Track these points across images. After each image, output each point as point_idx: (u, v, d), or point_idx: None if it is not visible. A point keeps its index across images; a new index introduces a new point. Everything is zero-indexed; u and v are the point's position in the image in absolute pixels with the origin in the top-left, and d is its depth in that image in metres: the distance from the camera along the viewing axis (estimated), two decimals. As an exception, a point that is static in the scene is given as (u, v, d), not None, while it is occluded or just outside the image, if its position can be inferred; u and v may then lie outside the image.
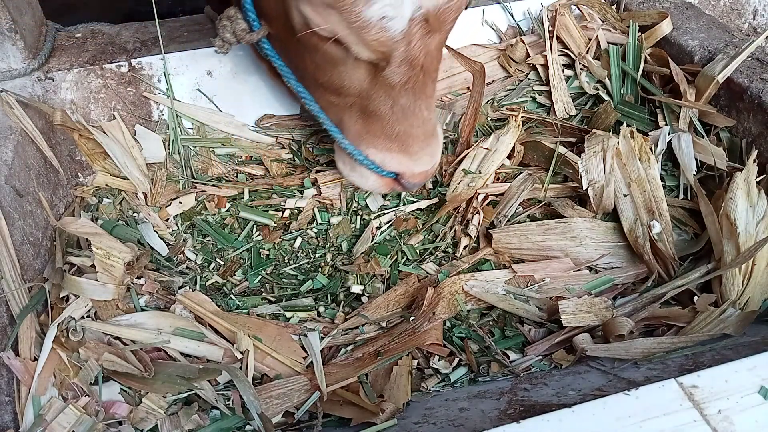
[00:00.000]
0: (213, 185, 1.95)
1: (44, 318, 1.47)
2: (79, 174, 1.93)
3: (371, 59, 1.41)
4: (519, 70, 2.24)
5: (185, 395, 1.42)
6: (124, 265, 1.54)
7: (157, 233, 1.80)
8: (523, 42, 2.20)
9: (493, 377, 1.52)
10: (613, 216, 1.82)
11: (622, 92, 2.13)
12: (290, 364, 1.52)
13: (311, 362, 1.51)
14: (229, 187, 1.95)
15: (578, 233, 1.76)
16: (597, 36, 2.21)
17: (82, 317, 1.48)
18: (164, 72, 1.94)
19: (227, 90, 2.02)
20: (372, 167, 1.65)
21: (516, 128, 1.99)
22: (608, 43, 2.20)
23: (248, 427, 1.40)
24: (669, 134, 1.95)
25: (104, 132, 1.90)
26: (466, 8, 2.20)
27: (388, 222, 1.89)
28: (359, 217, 1.90)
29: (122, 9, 2.99)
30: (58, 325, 1.41)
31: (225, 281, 1.75)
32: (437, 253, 1.81)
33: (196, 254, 1.80)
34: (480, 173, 1.90)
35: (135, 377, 1.41)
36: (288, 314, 1.65)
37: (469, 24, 2.25)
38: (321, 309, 1.68)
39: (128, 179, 1.88)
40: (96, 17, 2.13)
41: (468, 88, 2.18)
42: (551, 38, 2.18)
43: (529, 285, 1.68)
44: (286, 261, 1.82)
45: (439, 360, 1.55)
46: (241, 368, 1.46)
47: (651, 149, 1.86)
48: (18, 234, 1.51)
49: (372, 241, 1.82)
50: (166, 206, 1.89)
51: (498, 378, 1.51)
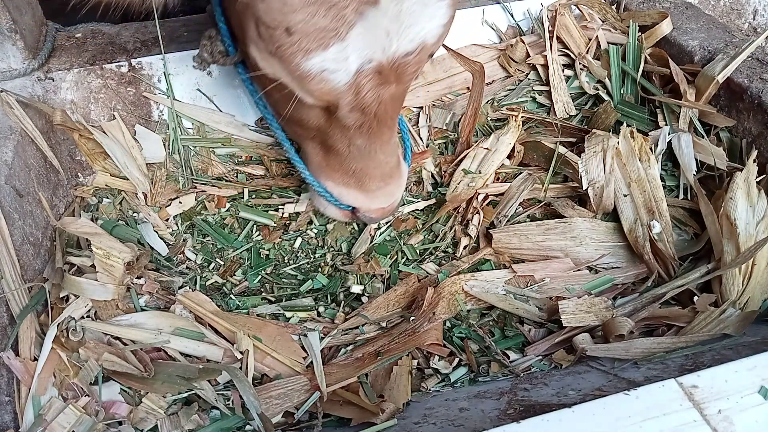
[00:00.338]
0: (213, 185, 1.95)
1: (44, 318, 1.47)
2: (79, 174, 1.93)
3: (318, 105, 1.41)
4: (519, 70, 2.24)
5: (185, 395, 1.42)
6: (124, 265, 1.54)
7: (157, 233, 1.80)
8: (523, 42, 2.20)
9: (493, 377, 1.52)
10: (613, 216, 1.82)
11: (622, 92, 2.13)
12: (290, 364, 1.52)
13: (311, 362, 1.51)
14: (229, 187, 1.95)
15: (578, 233, 1.76)
16: (597, 36, 2.21)
17: (82, 317, 1.48)
18: (164, 72, 1.94)
19: (227, 90, 2.02)
20: (330, 199, 1.68)
21: (516, 128, 1.99)
22: (608, 43, 2.20)
23: (248, 427, 1.40)
24: (669, 134, 1.95)
25: (104, 132, 1.90)
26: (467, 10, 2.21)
27: (388, 222, 1.89)
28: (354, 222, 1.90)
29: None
30: (58, 325, 1.41)
31: (225, 281, 1.75)
32: (437, 253, 1.81)
33: (196, 254, 1.80)
34: (480, 173, 1.90)
35: (135, 377, 1.41)
36: (288, 314, 1.65)
37: (469, 24, 2.25)
38: (321, 309, 1.68)
39: (128, 179, 1.88)
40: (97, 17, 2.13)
41: (468, 88, 2.18)
42: (551, 38, 2.18)
43: (529, 285, 1.69)
44: (286, 261, 1.82)
45: (439, 360, 1.55)
46: (241, 368, 1.47)
47: (651, 149, 1.86)
48: (18, 234, 1.51)
49: (371, 242, 1.82)
50: (166, 206, 1.89)
51: (498, 378, 1.51)
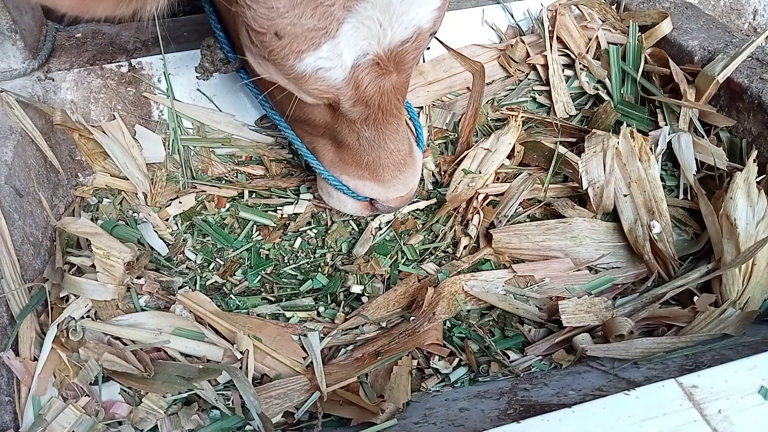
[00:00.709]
0: (213, 185, 1.95)
1: (44, 318, 1.47)
2: (79, 174, 1.93)
3: (318, 103, 1.41)
4: (519, 70, 2.24)
5: (185, 395, 1.42)
6: (124, 265, 1.54)
7: (157, 233, 1.80)
8: (523, 42, 2.20)
9: (493, 377, 1.52)
10: (613, 216, 1.82)
11: (622, 92, 2.13)
12: (290, 364, 1.52)
13: (311, 362, 1.51)
14: (229, 188, 1.95)
15: (578, 233, 1.76)
16: (597, 36, 2.21)
17: (82, 317, 1.48)
18: (164, 72, 1.94)
19: (227, 90, 2.02)
20: (347, 192, 1.69)
21: (516, 128, 1.99)
22: (608, 43, 2.20)
23: (248, 427, 1.40)
24: (669, 134, 1.95)
25: (104, 132, 1.90)
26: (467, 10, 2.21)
27: (388, 222, 1.89)
28: (354, 222, 1.90)
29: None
30: (58, 325, 1.41)
31: (225, 281, 1.75)
32: (437, 253, 1.81)
33: (196, 254, 1.80)
34: (480, 173, 1.90)
35: (135, 377, 1.41)
36: (288, 314, 1.65)
37: (469, 24, 2.25)
38: (321, 309, 1.68)
39: (128, 179, 1.88)
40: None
41: (468, 88, 2.18)
42: (551, 38, 2.18)
43: (529, 285, 1.68)
44: (286, 261, 1.82)
45: (439, 360, 1.55)
46: (241, 368, 1.46)
47: (651, 149, 1.86)
48: (18, 234, 1.51)
49: (372, 242, 1.82)
50: (166, 206, 1.89)
51: (498, 378, 1.51)
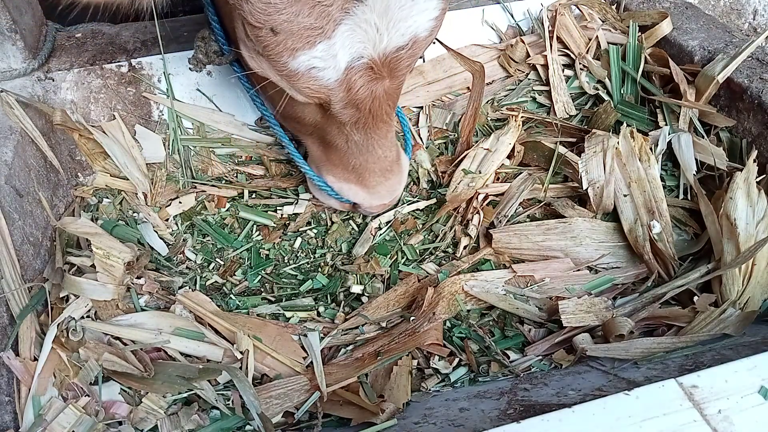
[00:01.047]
0: (213, 185, 1.95)
1: (44, 318, 1.47)
2: (79, 174, 1.93)
3: (309, 102, 1.41)
4: (519, 70, 2.24)
5: (185, 395, 1.42)
6: (124, 265, 1.54)
7: (157, 233, 1.80)
8: (523, 42, 2.20)
9: (493, 377, 1.52)
10: (613, 216, 1.82)
11: (622, 92, 2.13)
12: (290, 364, 1.52)
13: (311, 362, 1.51)
14: (229, 188, 1.95)
15: (578, 233, 1.76)
16: (597, 36, 2.21)
17: (82, 317, 1.48)
18: (164, 72, 1.94)
19: (227, 90, 2.02)
20: (331, 193, 1.71)
21: (516, 128, 1.99)
22: (608, 43, 2.20)
23: (248, 427, 1.40)
24: (669, 134, 1.95)
25: (104, 132, 1.90)
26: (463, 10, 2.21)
27: (388, 222, 1.89)
28: (354, 222, 1.90)
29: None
30: (58, 325, 1.41)
31: (225, 281, 1.75)
32: (437, 253, 1.81)
33: (196, 254, 1.80)
34: (480, 173, 1.90)
35: (135, 377, 1.41)
36: (288, 314, 1.65)
37: (469, 24, 2.25)
38: (321, 309, 1.68)
39: (128, 179, 1.88)
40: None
41: (468, 88, 2.18)
42: (551, 38, 2.18)
43: (529, 285, 1.68)
44: (286, 261, 1.82)
45: (439, 360, 1.55)
46: (241, 368, 1.46)
47: (651, 149, 1.86)
48: (18, 234, 1.51)
49: (372, 242, 1.82)
50: (166, 206, 1.89)
51: (498, 378, 1.51)
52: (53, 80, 1.87)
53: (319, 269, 1.79)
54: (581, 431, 1.10)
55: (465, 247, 1.79)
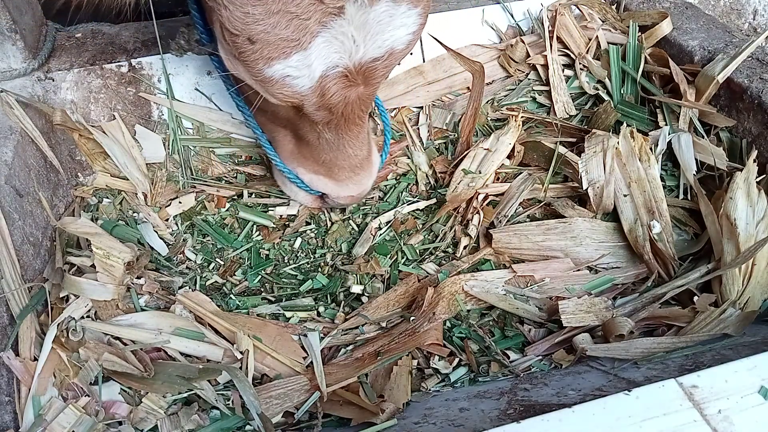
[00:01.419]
0: (212, 185, 1.95)
1: (44, 318, 1.47)
2: (79, 174, 1.93)
3: (282, 105, 1.42)
4: (519, 70, 2.24)
5: (185, 395, 1.42)
6: (124, 265, 1.54)
7: (157, 233, 1.80)
8: (523, 42, 2.20)
9: (493, 377, 1.52)
10: (613, 216, 1.82)
11: (622, 92, 2.13)
12: (290, 364, 1.52)
13: (311, 362, 1.51)
14: (228, 188, 1.95)
15: (578, 233, 1.76)
16: (597, 36, 2.21)
17: (82, 317, 1.48)
18: (164, 72, 1.94)
19: (226, 89, 2.02)
20: (301, 185, 1.73)
21: (516, 128, 1.99)
22: (608, 43, 2.20)
23: (248, 427, 1.40)
24: (669, 134, 1.95)
25: (104, 132, 1.90)
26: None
27: (388, 222, 1.88)
28: (354, 222, 1.90)
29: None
30: (58, 325, 1.41)
31: (225, 281, 1.75)
32: (437, 253, 1.81)
33: (196, 254, 1.80)
34: (480, 173, 1.90)
35: (135, 377, 1.41)
36: (288, 314, 1.65)
37: (469, 24, 2.25)
38: (321, 309, 1.68)
39: (128, 179, 1.88)
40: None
41: (468, 88, 2.18)
42: (551, 38, 2.18)
43: (529, 285, 1.68)
44: (286, 261, 1.82)
45: (439, 360, 1.55)
46: (241, 368, 1.46)
47: (651, 149, 1.86)
48: (18, 234, 1.51)
49: (372, 242, 1.82)
50: (166, 206, 1.89)
51: (498, 378, 1.51)
52: (53, 80, 1.87)
53: (319, 269, 1.79)
54: (581, 431, 1.10)
55: (465, 247, 1.79)
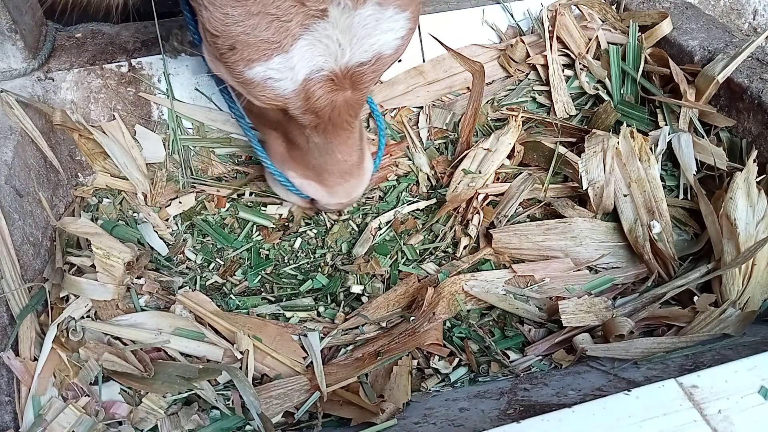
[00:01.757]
0: (213, 185, 1.95)
1: (44, 318, 1.47)
2: (79, 174, 1.93)
3: (265, 108, 1.39)
4: (519, 70, 2.24)
5: (185, 395, 1.42)
6: (124, 265, 1.54)
7: (157, 233, 1.80)
8: (523, 42, 2.20)
9: (493, 377, 1.52)
10: (613, 216, 1.82)
11: (622, 92, 2.13)
12: (290, 364, 1.52)
13: (311, 362, 1.51)
14: (228, 188, 1.95)
15: (578, 233, 1.76)
16: (597, 36, 2.21)
17: (82, 317, 1.48)
18: (164, 72, 1.94)
19: (227, 89, 2.02)
20: (291, 189, 1.70)
21: (516, 128, 1.99)
22: (608, 43, 2.20)
23: (248, 427, 1.40)
24: (669, 134, 1.95)
25: (104, 132, 1.90)
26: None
27: (388, 222, 1.88)
28: (354, 222, 1.90)
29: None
30: (58, 325, 1.41)
31: (225, 281, 1.75)
32: (437, 253, 1.81)
33: (196, 254, 1.80)
34: (480, 173, 1.90)
35: (135, 377, 1.41)
36: (288, 314, 1.65)
37: (469, 24, 2.25)
38: (321, 309, 1.68)
39: (128, 179, 1.88)
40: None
41: (468, 88, 2.18)
42: (551, 38, 2.18)
43: (529, 285, 1.68)
44: (286, 261, 1.82)
45: (439, 360, 1.55)
46: (241, 368, 1.46)
47: (651, 149, 1.86)
48: (18, 234, 1.51)
49: (372, 242, 1.82)
50: (166, 206, 1.89)
51: (498, 378, 1.51)
52: (53, 80, 1.87)
53: (319, 269, 1.79)
54: (581, 431, 1.10)
55: (465, 247, 1.79)
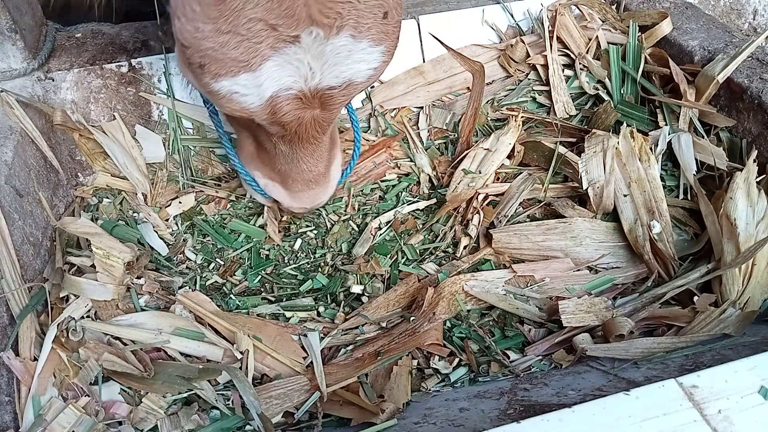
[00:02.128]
0: (213, 185, 1.95)
1: (44, 318, 1.47)
2: (79, 174, 1.93)
3: (233, 116, 1.38)
4: (519, 70, 2.24)
5: (185, 395, 1.42)
6: (124, 265, 1.54)
7: (157, 233, 1.80)
8: (523, 42, 2.20)
9: (493, 377, 1.52)
10: (613, 216, 1.82)
11: (622, 92, 2.13)
12: (290, 364, 1.52)
13: (311, 362, 1.51)
14: (229, 188, 1.95)
15: (578, 233, 1.76)
16: (597, 36, 2.21)
17: (82, 317, 1.48)
18: (164, 72, 1.94)
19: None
20: (257, 189, 1.70)
21: (516, 128, 1.99)
22: (608, 43, 2.20)
23: (248, 427, 1.40)
24: (669, 134, 1.95)
25: (104, 132, 1.90)
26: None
27: (388, 222, 1.88)
28: (354, 222, 1.90)
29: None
30: (58, 325, 1.41)
31: (225, 281, 1.75)
32: (437, 253, 1.81)
33: (196, 254, 1.80)
34: (480, 173, 1.90)
35: (135, 377, 1.41)
36: (288, 314, 1.65)
37: (469, 24, 2.25)
38: (321, 309, 1.68)
39: (128, 179, 1.88)
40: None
41: (468, 88, 2.18)
42: (551, 38, 2.18)
43: (529, 285, 1.68)
44: (286, 261, 1.82)
45: (439, 360, 1.55)
46: (241, 368, 1.46)
47: (651, 149, 1.86)
48: (18, 234, 1.51)
49: (372, 242, 1.82)
50: (166, 206, 1.89)
51: (498, 378, 1.51)
52: (53, 80, 1.87)
53: (319, 269, 1.79)
54: (581, 431, 1.10)
55: (465, 247, 1.79)
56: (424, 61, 2.21)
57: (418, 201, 1.93)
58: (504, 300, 1.64)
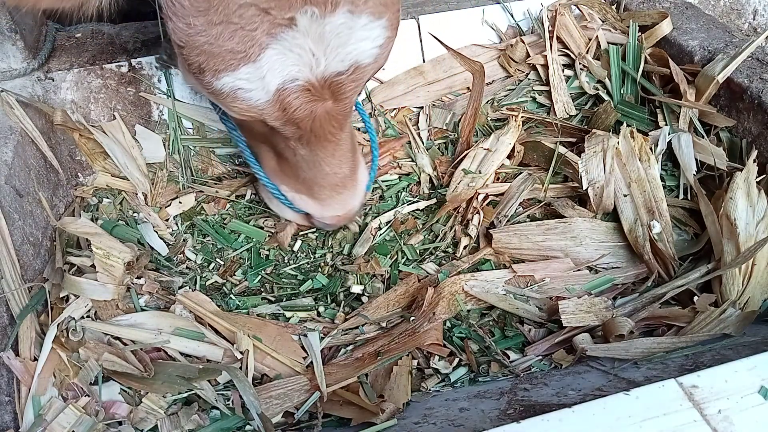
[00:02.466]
0: (213, 185, 1.95)
1: (44, 318, 1.47)
2: (79, 174, 1.93)
3: (242, 119, 1.36)
4: (519, 70, 2.24)
5: (185, 395, 1.42)
6: (124, 265, 1.54)
7: (157, 233, 1.80)
8: (523, 42, 2.20)
9: (493, 377, 1.52)
10: (613, 216, 1.82)
11: (622, 92, 2.13)
12: (290, 364, 1.52)
13: (311, 362, 1.51)
14: (229, 188, 1.94)
15: (578, 233, 1.76)
16: (597, 36, 2.21)
17: (82, 317, 1.48)
18: (164, 72, 1.94)
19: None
20: (285, 202, 1.67)
21: (516, 128, 1.99)
22: (608, 43, 2.20)
23: (248, 427, 1.40)
24: (669, 134, 1.95)
25: (104, 132, 1.90)
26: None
27: (388, 222, 1.88)
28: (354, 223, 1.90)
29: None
30: (58, 325, 1.41)
31: (225, 281, 1.75)
32: (437, 253, 1.81)
33: (196, 254, 1.80)
34: (480, 173, 1.90)
35: (135, 377, 1.41)
36: (288, 314, 1.65)
37: (469, 24, 2.25)
38: (321, 309, 1.68)
39: (128, 179, 1.88)
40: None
41: (468, 88, 2.18)
42: (551, 38, 2.18)
43: (529, 285, 1.68)
44: (286, 261, 1.82)
45: (439, 360, 1.55)
46: (241, 368, 1.46)
47: (651, 149, 1.86)
48: (18, 234, 1.51)
49: (372, 242, 1.82)
50: (166, 206, 1.89)
51: (498, 378, 1.51)
52: (53, 80, 1.87)
53: (319, 269, 1.79)
54: (581, 431, 1.10)
55: (465, 247, 1.79)
56: (424, 61, 2.21)
57: (418, 201, 1.93)
58: (504, 300, 1.64)
